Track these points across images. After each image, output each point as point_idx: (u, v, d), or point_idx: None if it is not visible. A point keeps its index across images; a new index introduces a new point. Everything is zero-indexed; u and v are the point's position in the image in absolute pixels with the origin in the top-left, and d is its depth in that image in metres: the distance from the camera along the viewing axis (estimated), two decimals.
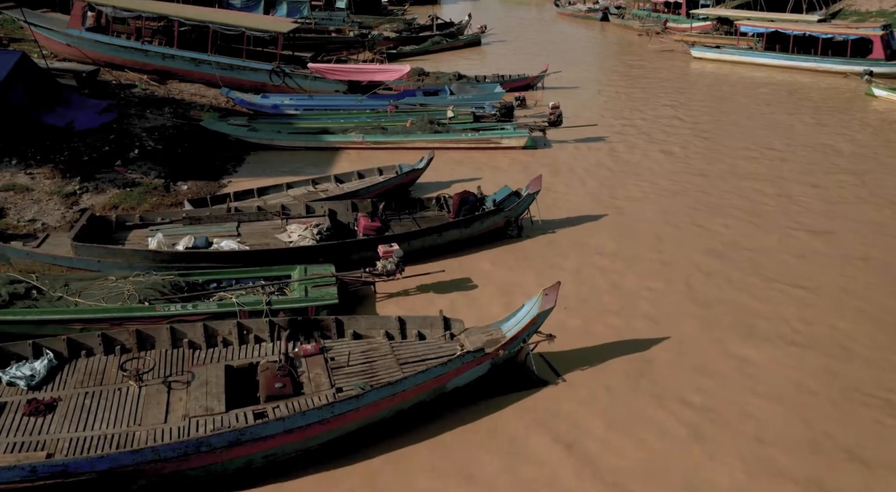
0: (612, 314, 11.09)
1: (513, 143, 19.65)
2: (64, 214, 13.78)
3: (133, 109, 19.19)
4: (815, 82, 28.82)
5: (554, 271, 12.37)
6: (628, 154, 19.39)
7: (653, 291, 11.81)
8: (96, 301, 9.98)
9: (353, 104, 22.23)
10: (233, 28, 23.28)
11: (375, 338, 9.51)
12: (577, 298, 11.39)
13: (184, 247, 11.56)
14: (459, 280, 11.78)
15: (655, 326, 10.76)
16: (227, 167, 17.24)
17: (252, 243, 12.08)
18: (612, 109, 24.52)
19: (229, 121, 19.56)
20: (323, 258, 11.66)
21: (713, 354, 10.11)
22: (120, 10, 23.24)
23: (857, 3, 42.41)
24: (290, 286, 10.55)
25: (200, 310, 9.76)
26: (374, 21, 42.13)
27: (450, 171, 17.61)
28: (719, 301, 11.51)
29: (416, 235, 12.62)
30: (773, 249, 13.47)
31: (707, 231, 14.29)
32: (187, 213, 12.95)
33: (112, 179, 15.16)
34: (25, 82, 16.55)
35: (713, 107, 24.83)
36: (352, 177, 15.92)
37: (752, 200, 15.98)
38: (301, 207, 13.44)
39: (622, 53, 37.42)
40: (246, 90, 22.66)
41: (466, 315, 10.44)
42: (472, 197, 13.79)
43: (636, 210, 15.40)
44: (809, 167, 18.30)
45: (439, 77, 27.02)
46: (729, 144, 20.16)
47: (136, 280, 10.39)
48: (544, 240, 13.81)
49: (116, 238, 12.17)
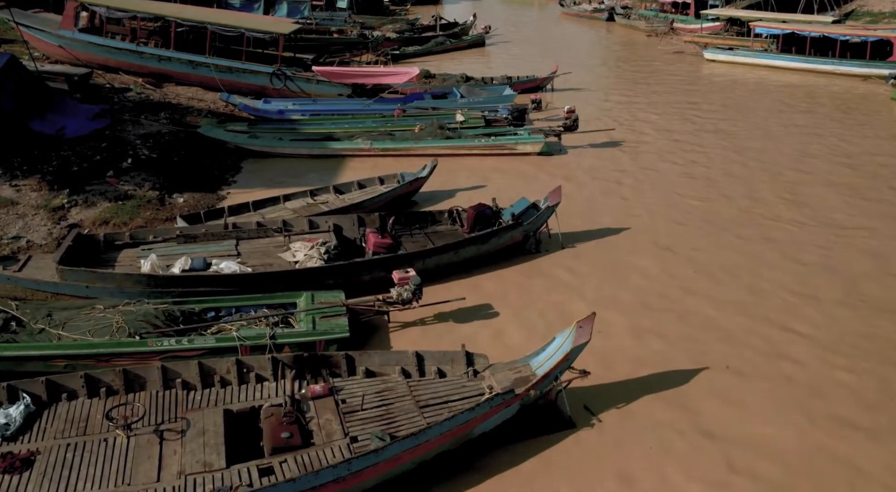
0: (651, 341, 10.14)
1: (528, 149, 18.70)
2: (51, 230, 12.82)
3: (127, 115, 18.23)
4: (834, 85, 27.89)
5: (579, 293, 11.46)
6: (648, 161, 18.44)
7: (694, 314, 10.87)
8: (82, 334, 9.01)
9: (360, 108, 21.26)
10: (232, 29, 22.31)
11: (391, 376, 8.56)
12: (609, 323, 10.42)
13: (180, 270, 10.60)
14: (479, 306, 10.79)
15: (701, 354, 9.82)
16: (225, 177, 16.24)
17: (253, 264, 11.11)
18: (627, 113, 23.58)
19: (228, 127, 18.58)
20: (332, 280, 10.74)
21: (781, 400, 9.04)
22: (114, 11, 22.28)
23: (869, 4, 41.52)
24: (295, 316, 9.59)
25: (197, 345, 8.80)
26: (377, 21, 41.22)
27: (459, 179, 16.67)
28: (773, 326, 10.56)
29: (431, 253, 11.66)
30: (837, 266, 12.54)
31: (744, 243, 13.36)
32: (181, 230, 11.97)
33: (103, 191, 14.19)
34: (13, 86, 15.57)
35: (734, 112, 23.86)
36: (352, 187, 15.01)
37: (795, 212, 15.05)
38: (303, 222, 12.49)
39: (631, 55, 36.48)
40: (245, 94, 21.70)
41: (489, 347, 9.51)
42: (487, 210, 12.87)
43: (661, 222, 14.47)
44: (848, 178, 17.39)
45: (446, 79, 26.10)
46: (757, 153, 19.10)
47: (127, 310, 9.43)
48: (565, 256, 12.86)
49: (105, 259, 11.21)
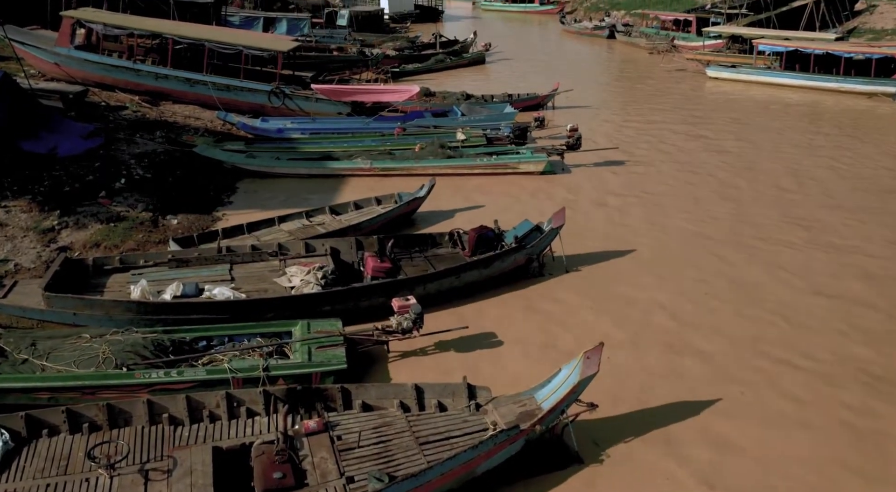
0: (662, 371, 9.73)
1: (531, 168, 18.36)
2: (40, 252, 12.44)
3: (122, 133, 17.88)
4: (839, 103, 27.59)
5: (585, 320, 11.06)
6: (653, 180, 18.09)
7: (707, 342, 10.45)
8: (67, 365, 8.61)
9: (360, 127, 20.94)
10: (229, 47, 22.00)
11: (389, 410, 8.15)
12: (616, 351, 10.01)
13: (171, 296, 10.21)
14: (481, 335, 10.38)
15: (715, 384, 9.43)
16: (221, 198, 15.86)
17: (248, 290, 10.72)
18: (631, 131, 23.24)
19: (225, 146, 18.24)
20: (329, 307, 10.36)
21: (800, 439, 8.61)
22: (111, 28, 21.99)
23: (871, 21, 41.36)
24: (290, 346, 9.18)
25: (186, 377, 8.40)
26: (377, 39, 41.01)
27: (458, 199, 16.34)
28: (789, 352, 10.15)
29: (432, 277, 11.26)
30: (846, 292, 12.14)
31: (754, 266, 12.96)
32: (173, 254, 11.56)
33: (95, 212, 13.82)
34: (5, 104, 15.28)
35: (739, 130, 23.47)
36: (348, 208, 14.67)
37: (804, 235, 14.62)
38: (299, 245, 12.10)
39: (633, 72, 36.24)
40: (243, 112, 21.40)
41: (491, 377, 9.12)
42: (489, 232, 12.50)
43: (668, 243, 14.11)
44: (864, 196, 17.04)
45: (446, 97, 25.78)
46: (765, 174, 18.65)
47: (114, 339, 9.03)
48: (570, 280, 12.47)
49: (94, 284, 10.81)
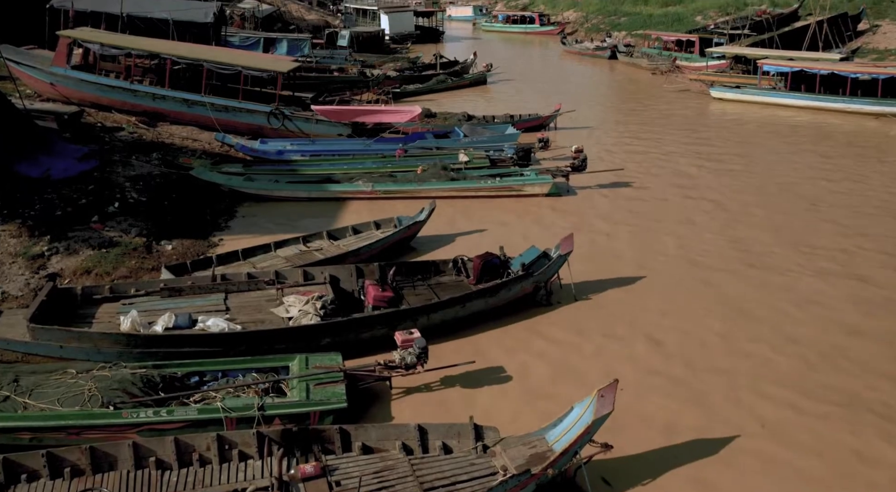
0: (678, 407, 9.25)
1: (536, 190, 17.95)
2: (28, 280, 11.99)
3: (117, 155, 17.46)
4: (846, 124, 27.19)
5: (597, 353, 10.58)
6: (661, 203, 17.66)
7: (723, 376, 9.97)
8: (50, 403, 8.14)
9: (361, 149, 20.56)
10: (228, 67, 21.67)
11: (390, 452, 7.67)
12: (630, 386, 9.52)
13: (162, 328, 9.73)
14: (487, 370, 9.88)
15: (733, 421, 8.94)
16: (218, 222, 15.43)
17: (243, 320, 10.25)
18: (635, 152, 22.84)
19: (222, 169, 17.83)
20: (328, 338, 9.90)
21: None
22: (108, 48, 21.67)
23: (874, 41, 41.20)
24: (288, 383, 8.69)
25: (177, 417, 7.91)
26: (378, 60, 40.79)
27: (461, 222, 15.94)
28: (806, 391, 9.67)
29: (436, 307, 10.79)
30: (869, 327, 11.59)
31: (767, 293, 12.50)
32: (166, 282, 11.09)
33: (86, 237, 13.37)
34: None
35: (746, 151, 23.01)
36: (346, 232, 14.28)
37: (816, 260, 14.15)
38: (297, 273, 11.64)
39: (636, 92, 35.95)
40: (242, 134, 21.03)
41: (499, 415, 8.68)
42: (495, 259, 12.05)
43: (679, 268, 13.67)
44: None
45: (447, 118, 25.44)
46: (773, 197, 18.16)
47: (101, 375, 8.55)
48: (580, 309, 12.00)
49: (83, 315, 10.33)
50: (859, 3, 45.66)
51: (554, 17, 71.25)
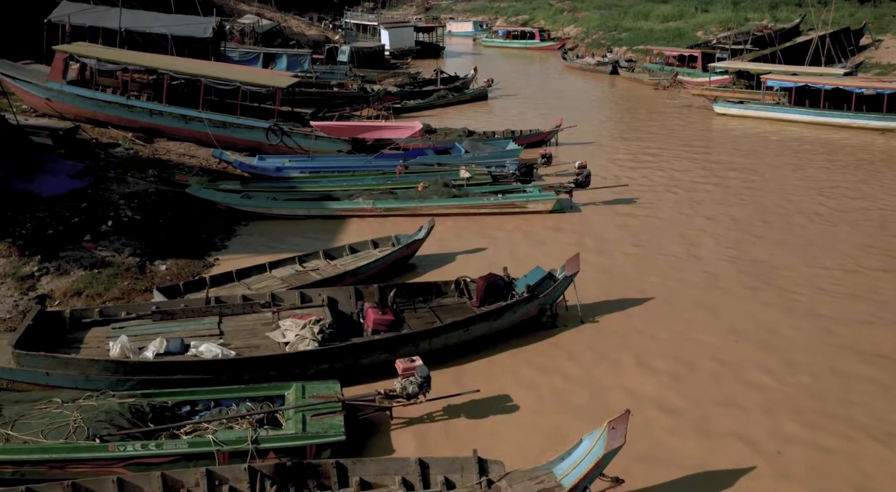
0: (690, 436, 8.85)
1: (539, 207, 17.60)
2: (17, 301, 11.61)
3: (112, 172, 17.14)
4: (851, 139, 26.85)
5: (606, 379, 10.18)
6: (667, 220, 17.29)
7: (734, 404, 9.58)
8: (34, 435, 7.74)
9: (361, 165, 20.23)
10: (226, 82, 21.38)
11: (390, 488, 7.29)
12: (639, 413, 9.09)
13: (153, 354, 9.35)
14: (493, 398, 9.46)
15: (748, 453, 8.53)
16: (214, 241, 15.05)
17: (238, 346, 9.87)
18: (639, 168, 22.50)
19: (219, 186, 17.48)
20: (326, 365, 9.51)
21: None
22: (105, 63, 21.42)
23: (876, 56, 41.00)
24: (283, 414, 8.29)
25: (166, 450, 7.51)
26: (378, 75, 40.58)
27: (462, 241, 15.58)
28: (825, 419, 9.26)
29: (438, 331, 10.40)
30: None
31: (778, 314, 12.12)
32: (158, 305, 10.71)
33: (78, 257, 13.00)
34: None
35: (753, 168, 22.59)
36: (343, 252, 13.93)
37: (830, 283, 13.71)
38: (294, 296, 11.26)
39: (638, 108, 35.70)
40: (240, 150, 20.72)
41: (504, 447, 8.29)
42: (499, 281, 11.69)
43: (687, 288, 13.30)
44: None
45: (448, 133, 25.10)
46: (782, 215, 17.74)
47: (87, 405, 8.15)
48: (586, 332, 11.60)
49: (71, 340, 9.95)
50: (861, 18, 45.54)
51: (554, 32, 71.21)
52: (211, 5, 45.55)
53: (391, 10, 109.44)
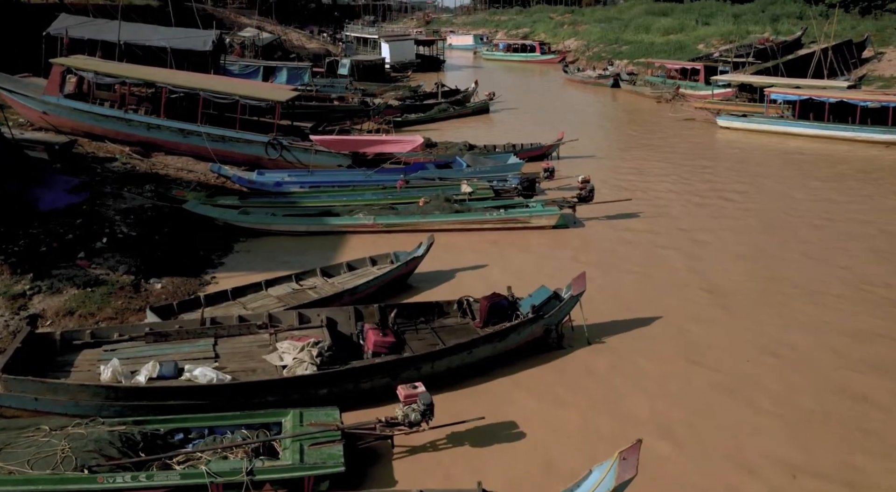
0: (703, 466, 8.50)
1: (542, 222, 17.31)
2: (7, 321, 11.28)
3: (109, 187, 16.83)
4: (857, 153, 26.56)
5: (615, 405, 9.83)
6: (672, 235, 16.99)
7: (747, 431, 9.25)
8: (19, 465, 7.39)
9: (361, 180, 19.94)
10: (225, 96, 21.13)
11: None
12: (650, 441, 8.76)
13: (145, 378, 9.02)
14: (498, 426, 9.11)
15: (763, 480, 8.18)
16: (211, 258, 14.74)
17: (234, 369, 9.53)
18: (642, 182, 22.22)
19: (217, 201, 17.19)
20: (325, 389, 9.18)
21: None
22: (102, 76, 21.17)
23: (879, 69, 40.80)
24: (280, 442, 7.94)
25: (157, 482, 7.16)
26: (378, 88, 40.39)
27: (462, 257, 15.26)
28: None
29: (441, 354, 10.05)
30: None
31: (790, 335, 11.78)
32: (151, 327, 10.38)
33: (72, 275, 12.68)
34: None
35: (758, 182, 22.30)
36: (341, 269, 13.63)
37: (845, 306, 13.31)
38: (292, 316, 10.92)
39: (640, 121, 35.46)
40: (239, 164, 20.43)
41: (510, 478, 8.02)
42: (503, 301, 11.36)
43: (696, 307, 12.97)
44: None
45: (448, 147, 24.85)
46: (791, 232, 17.38)
47: (76, 433, 7.80)
48: (593, 354, 11.26)
49: (61, 362, 9.61)
50: (863, 31, 45.39)
51: (555, 45, 71.27)
52: (211, 18, 45.57)
53: (392, 23, 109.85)
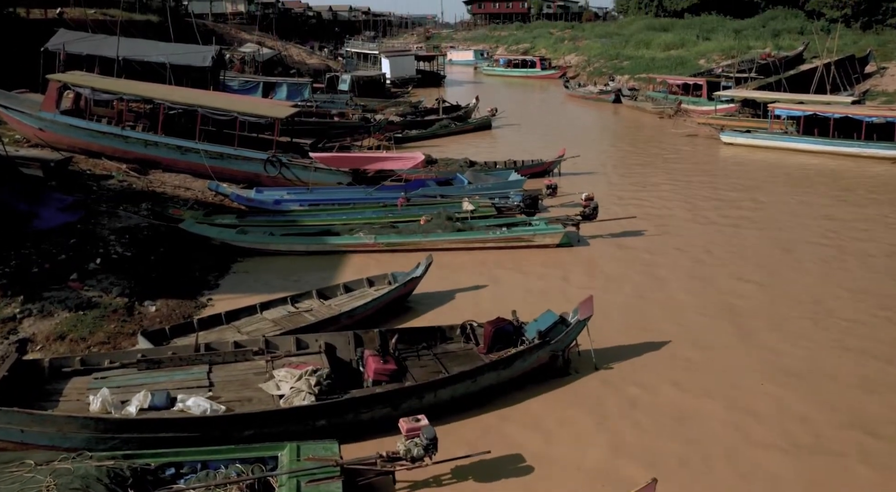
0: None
1: (546, 240, 16.96)
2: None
3: (104, 206, 16.52)
4: (863, 169, 26.21)
5: (624, 436, 9.43)
6: (679, 254, 16.62)
7: (774, 468, 8.86)
8: None
9: (362, 197, 19.62)
10: (224, 113, 20.85)
11: None
12: (664, 476, 8.38)
13: (136, 409, 8.64)
14: (504, 459, 8.69)
15: None
16: (208, 279, 14.39)
17: (228, 399, 9.15)
18: (646, 200, 21.88)
19: (214, 221, 16.86)
20: (324, 420, 8.80)
21: None
22: (100, 92, 20.91)
23: (882, 84, 40.60)
24: (276, 479, 7.55)
25: None
26: (379, 104, 40.15)
27: (463, 277, 14.93)
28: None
29: (444, 383, 9.67)
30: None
31: (793, 357, 11.41)
32: (143, 353, 10.00)
33: (63, 298, 12.33)
34: None
35: (764, 200, 21.91)
36: (338, 291, 13.29)
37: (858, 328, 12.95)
38: (289, 341, 10.55)
39: (642, 137, 35.21)
40: (238, 182, 20.13)
41: None
42: (508, 326, 11.00)
43: (703, 328, 12.63)
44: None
45: (449, 164, 24.52)
46: (799, 251, 17.03)
47: (62, 468, 7.41)
48: (601, 380, 10.87)
49: (50, 391, 9.24)
50: (865, 46, 45.28)
51: (555, 60, 71.26)
52: (211, 34, 45.50)
53: (392, 38, 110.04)
